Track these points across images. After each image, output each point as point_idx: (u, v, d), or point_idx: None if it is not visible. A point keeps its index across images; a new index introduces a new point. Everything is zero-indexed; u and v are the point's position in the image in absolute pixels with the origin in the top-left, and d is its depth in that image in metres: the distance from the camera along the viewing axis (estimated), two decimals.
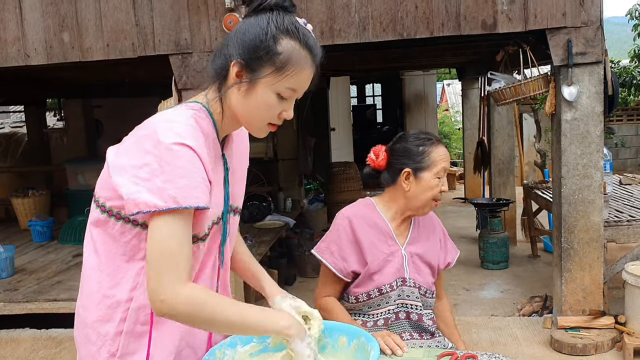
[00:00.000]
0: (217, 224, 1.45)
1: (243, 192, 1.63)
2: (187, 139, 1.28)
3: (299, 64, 1.33)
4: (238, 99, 1.36)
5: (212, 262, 1.48)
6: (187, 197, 1.26)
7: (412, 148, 2.09)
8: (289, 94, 1.36)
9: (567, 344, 3.68)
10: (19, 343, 4.22)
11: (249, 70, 1.33)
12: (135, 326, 1.41)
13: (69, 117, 9.03)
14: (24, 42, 4.08)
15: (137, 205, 1.27)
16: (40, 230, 6.22)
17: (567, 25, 3.67)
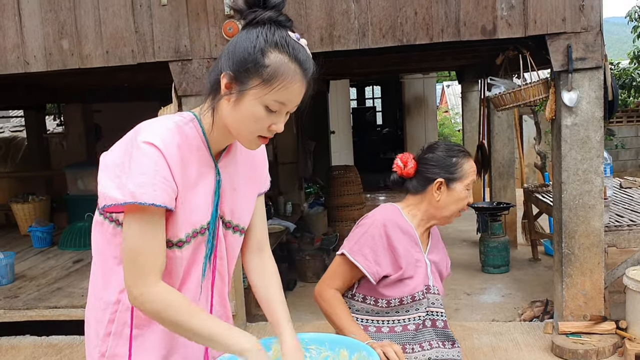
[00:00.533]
0: (201, 234, 1.46)
1: (248, 211, 1.61)
2: (156, 139, 1.33)
3: (287, 77, 1.33)
4: (228, 110, 1.38)
5: (196, 273, 1.49)
6: (144, 193, 1.30)
7: (445, 159, 2.13)
8: (277, 107, 1.36)
9: (568, 349, 3.67)
10: (19, 350, 4.22)
11: (237, 82, 1.35)
12: (123, 328, 1.46)
13: (69, 122, 9.02)
14: (23, 49, 4.08)
15: (105, 199, 1.36)
16: (40, 235, 6.22)
17: (567, 30, 3.67)
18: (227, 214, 1.53)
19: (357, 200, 7.01)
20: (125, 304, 1.44)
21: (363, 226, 2.11)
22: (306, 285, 5.65)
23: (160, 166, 1.32)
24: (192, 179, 1.41)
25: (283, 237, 5.92)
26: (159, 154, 1.32)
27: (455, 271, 5.82)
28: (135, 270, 1.35)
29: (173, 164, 1.34)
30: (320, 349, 1.63)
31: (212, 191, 1.47)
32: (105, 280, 1.47)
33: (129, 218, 1.35)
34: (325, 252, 5.94)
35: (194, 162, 1.41)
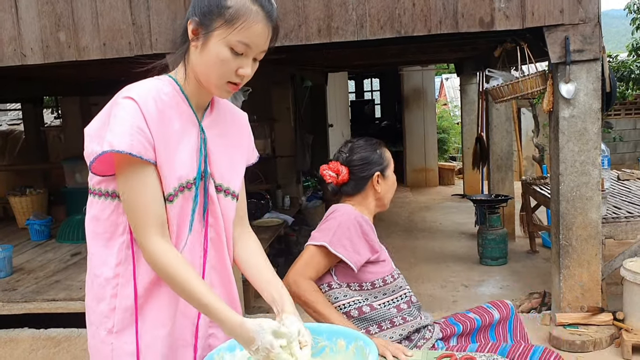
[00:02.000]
0: (188, 189, 1.50)
1: (238, 177, 1.65)
2: (132, 94, 1.40)
3: (249, 17, 1.40)
4: (195, 56, 1.46)
5: (186, 230, 1.52)
6: (121, 142, 1.36)
7: (373, 154, 2.27)
8: (242, 49, 1.42)
9: (565, 340, 3.68)
10: (18, 343, 4.22)
11: (202, 27, 1.42)
12: (127, 300, 1.49)
13: (66, 115, 9.00)
14: (20, 41, 4.06)
15: (88, 157, 1.42)
16: (38, 229, 6.21)
17: (565, 22, 3.66)
18: (217, 176, 1.57)
19: None
20: (125, 277, 1.48)
21: (334, 219, 2.17)
22: None
23: (136, 118, 1.39)
24: (175, 134, 1.46)
25: (281, 230, 5.92)
26: (135, 105, 1.39)
27: (453, 263, 5.87)
28: (136, 223, 1.42)
29: (149, 116, 1.40)
30: (317, 339, 1.63)
31: (196, 147, 1.52)
32: (100, 258, 1.51)
33: (118, 175, 1.42)
34: None
35: (175, 117, 1.47)
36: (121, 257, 1.48)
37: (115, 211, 1.48)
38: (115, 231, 1.49)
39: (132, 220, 1.43)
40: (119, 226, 1.48)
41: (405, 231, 7.37)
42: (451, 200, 9.31)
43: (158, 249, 1.42)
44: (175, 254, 1.44)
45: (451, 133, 13.36)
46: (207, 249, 1.58)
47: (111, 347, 1.49)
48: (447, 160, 12.54)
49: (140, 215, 1.41)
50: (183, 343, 1.57)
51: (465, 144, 9.10)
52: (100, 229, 1.50)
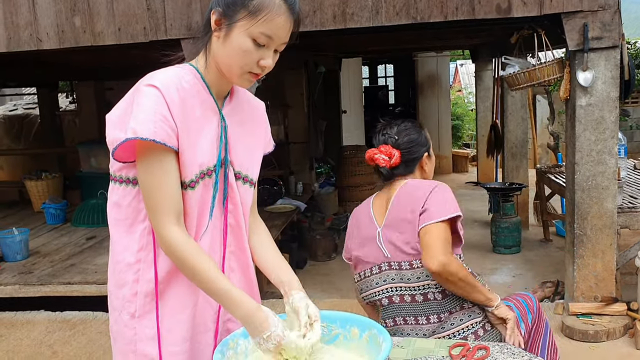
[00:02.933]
0: (208, 176, 1.51)
1: (257, 165, 1.67)
2: (155, 81, 1.41)
3: (272, 9, 1.41)
4: (218, 46, 1.47)
5: (207, 217, 1.53)
6: (144, 129, 1.37)
7: (420, 136, 2.34)
8: (264, 40, 1.43)
9: (578, 330, 3.67)
10: (34, 325, 4.28)
11: (226, 17, 1.43)
12: (148, 285, 1.51)
13: (81, 100, 9.04)
14: (35, 26, 4.08)
15: (111, 144, 1.44)
16: (54, 212, 6.27)
17: (584, 9, 3.60)
18: (236, 164, 1.59)
19: (367, 181, 7.00)
20: (146, 262, 1.50)
21: (437, 191, 2.17)
22: (316, 264, 5.68)
23: (159, 105, 1.39)
24: (197, 122, 1.48)
25: (294, 216, 5.93)
26: (158, 93, 1.40)
27: (466, 251, 5.81)
28: (151, 210, 1.44)
29: (172, 103, 1.41)
30: (331, 327, 1.64)
31: (217, 135, 1.53)
32: (122, 244, 1.53)
33: (139, 161, 1.43)
34: (335, 231, 5.96)
35: (196, 105, 1.48)
36: (142, 243, 1.50)
37: (137, 197, 1.49)
38: (137, 217, 1.51)
39: (150, 206, 1.44)
40: (140, 212, 1.50)
41: None
42: (465, 188, 9.26)
43: (174, 236, 1.43)
44: (191, 241, 1.46)
45: (465, 120, 13.26)
46: (227, 234, 1.60)
47: (134, 331, 1.52)
48: (461, 147, 12.46)
49: (159, 201, 1.42)
50: (204, 328, 1.59)
51: (479, 131, 9.03)
52: (121, 216, 1.52)
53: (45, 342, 4.02)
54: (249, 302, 1.45)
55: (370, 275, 2.26)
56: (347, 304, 4.44)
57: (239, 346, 1.53)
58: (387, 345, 1.47)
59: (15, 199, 7.61)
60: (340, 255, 5.86)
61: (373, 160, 2.29)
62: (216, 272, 1.45)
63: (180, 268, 1.46)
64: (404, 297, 2.17)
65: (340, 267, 5.55)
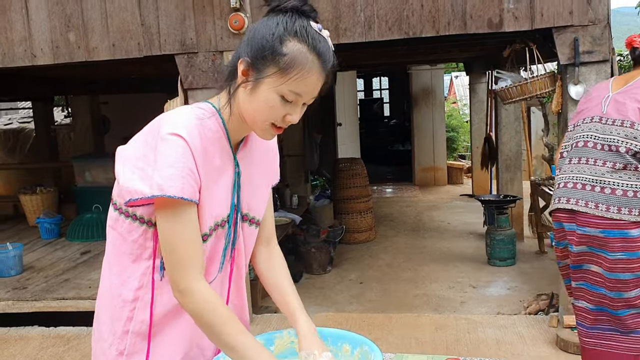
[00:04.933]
0: (221, 227, 1.45)
1: (263, 203, 1.61)
2: (181, 130, 1.31)
3: (305, 67, 1.31)
4: (244, 97, 1.37)
5: (216, 267, 1.49)
6: (172, 186, 1.29)
7: None
8: (293, 97, 1.34)
9: (572, 343, 3.67)
10: (28, 341, 4.26)
11: (254, 70, 1.33)
12: (141, 326, 1.44)
13: (76, 114, 9.05)
14: (30, 42, 4.10)
15: (129, 192, 1.33)
16: (48, 227, 6.26)
17: (574, 23, 3.64)
18: (244, 207, 1.52)
19: (363, 193, 7.01)
20: (143, 302, 1.43)
21: None
22: (312, 277, 5.68)
23: (186, 158, 1.31)
24: (215, 172, 1.40)
25: (289, 229, 5.93)
26: (185, 145, 1.31)
27: (461, 264, 5.86)
28: (174, 265, 1.35)
29: (197, 155, 1.33)
30: None
31: (231, 184, 1.46)
32: (122, 278, 1.46)
33: (161, 213, 1.34)
34: (331, 244, 5.96)
35: (216, 154, 1.40)
36: (143, 282, 1.43)
37: (143, 235, 1.42)
38: (142, 254, 1.43)
39: (174, 261, 1.35)
40: (146, 250, 1.43)
41: (413, 230, 7.37)
42: (460, 200, 9.29)
43: (203, 290, 1.35)
44: (217, 296, 1.38)
45: (460, 132, 13.31)
46: (231, 285, 1.56)
47: None
48: (456, 159, 12.50)
49: (184, 256, 1.34)
50: None
51: (474, 143, 9.07)
52: (126, 249, 1.45)
53: (38, 358, 3.99)
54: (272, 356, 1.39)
55: (581, 124, 2.73)
56: (343, 318, 4.44)
57: None
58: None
59: (9, 214, 7.60)
60: (335, 269, 5.88)
61: (631, 43, 2.70)
62: (242, 327, 1.38)
63: (203, 323, 1.37)
64: (597, 145, 2.61)
65: (336, 280, 5.55)
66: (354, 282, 5.48)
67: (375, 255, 6.34)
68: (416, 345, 3.89)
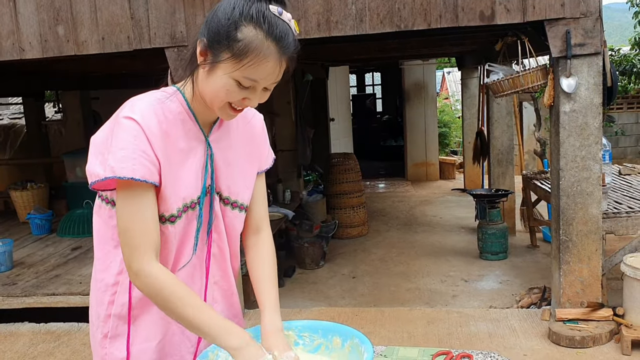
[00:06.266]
0: (192, 209, 1.45)
1: (247, 188, 1.59)
2: (135, 114, 1.33)
3: (259, 54, 1.27)
4: (202, 78, 1.36)
5: (189, 249, 1.49)
6: (123, 167, 1.30)
7: None
8: (249, 83, 1.31)
9: (565, 336, 3.68)
10: (18, 337, 4.23)
11: (210, 52, 1.31)
12: (122, 309, 1.47)
13: (67, 109, 9.00)
14: (18, 35, 4.05)
15: (90, 175, 1.37)
16: (39, 223, 6.22)
17: (566, 16, 3.64)
18: (224, 189, 1.52)
19: (355, 188, 7.00)
20: (123, 286, 1.46)
21: None
22: (305, 272, 5.66)
23: (139, 140, 1.31)
24: (180, 154, 1.40)
25: (282, 224, 5.91)
26: (138, 127, 1.31)
27: (453, 258, 5.86)
28: (127, 246, 1.36)
29: (153, 137, 1.33)
30: (313, 337, 1.63)
31: (202, 165, 1.45)
32: (105, 263, 1.48)
33: (118, 195, 1.36)
34: (324, 239, 5.94)
35: (180, 136, 1.40)
36: (123, 266, 1.43)
37: None
38: None
39: (127, 242, 1.35)
40: None
41: (406, 225, 7.36)
42: (452, 195, 9.29)
43: (154, 271, 1.35)
44: (170, 275, 1.38)
45: (452, 127, 13.32)
46: (210, 264, 1.55)
47: (105, 350, 1.50)
48: (449, 154, 12.51)
49: (138, 237, 1.34)
50: (178, 359, 1.55)
51: (466, 138, 9.08)
52: (109, 235, 1.46)
53: (29, 354, 3.96)
54: (242, 331, 1.39)
55: None
56: (335, 312, 4.43)
57: (219, 358, 1.52)
58: (369, 354, 1.45)
59: (0, 209, 7.54)
60: (328, 263, 5.87)
61: None
62: (201, 304, 1.38)
63: (160, 305, 1.37)
64: None
65: (328, 275, 5.53)
66: (346, 277, 5.47)
67: (367, 249, 6.34)
68: (408, 339, 3.89)
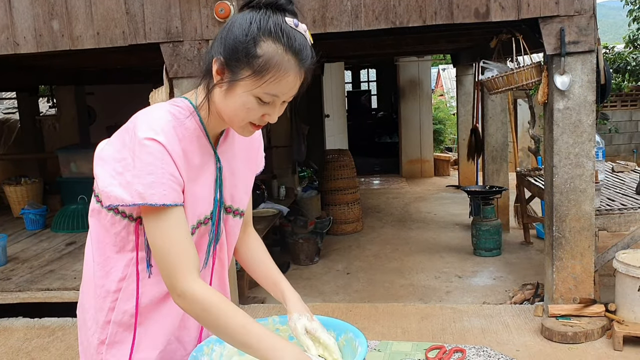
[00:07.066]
0: (204, 224, 1.43)
1: (246, 194, 1.59)
2: (159, 135, 1.27)
3: (281, 68, 1.26)
4: (220, 97, 1.33)
5: (200, 264, 1.46)
6: (153, 194, 1.26)
7: None
8: (269, 99, 1.30)
9: (557, 332, 3.70)
10: (12, 332, 4.23)
11: (228, 71, 1.28)
12: (123, 317, 1.44)
13: (61, 104, 8.97)
14: (12, 30, 4.04)
15: (109, 198, 1.32)
16: (33, 218, 6.21)
17: (560, 13, 3.65)
18: (227, 199, 1.51)
19: (350, 185, 7.01)
20: (126, 292, 1.42)
21: None
22: (299, 268, 5.67)
23: (165, 163, 1.27)
24: (195, 171, 1.37)
25: (276, 220, 5.92)
26: (164, 150, 1.27)
27: (447, 254, 5.89)
28: (167, 269, 1.31)
29: (177, 158, 1.30)
30: None
31: (213, 180, 1.44)
32: (105, 269, 1.44)
33: (148, 218, 1.31)
34: (318, 235, 5.96)
35: (195, 152, 1.37)
36: (127, 273, 1.42)
37: (126, 229, 1.40)
38: (126, 246, 1.41)
39: (167, 265, 1.31)
40: (129, 242, 1.41)
41: (400, 221, 7.38)
42: (446, 191, 9.32)
43: (202, 291, 1.31)
44: (218, 295, 1.34)
45: (447, 124, 13.35)
46: (212, 279, 1.55)
47: (101, 356, 1.47)
48: (443, 151, 12.54)
49: (178, 259, 1.31)
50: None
51: (460, 135, 9.10)
52: (109, 240, 1.43)
53: (23, 349, 3.96)
54: (291, 345, 1.35)
55: None
56: (329, 308, 4.44)
57: (214, 352, 1.52)
58: (362, 348, 1.47)
59: None
60: (322, 259, 5.88)
61: None
62: (248, 321, 1.34)
63: (207, 323, 1.34)
64: None
65: (323, 271, 5.55)
66: (340, 273, 5.49)
67: (362, 246, 6.35)
68: (402, 335, 3.91)
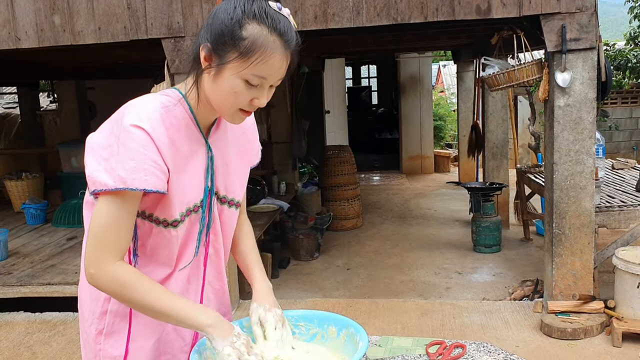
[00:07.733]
0: (194, 212, 1.46)
1: (242, 185, 1.61)
2: (144, 122, 1.30)
3: (266, 50, 1.28)
4: (208, 83, 1.35)
5: (191, 251, 1.50)
6: (135, 179, 1.29)
7: None
8: (257, 81, 1.32)
9: (557, 328, 3.72)
10: (14, 326, 4.24)
11: (216, 55, 1.31)
12: (119, 307, 1.46)
13: (62, 99, 8.97)
14: (14, 25, 4.04)
15: (94, 183, 1.33)
16: (34, 213, 6.22)
17: (562, 10, 3.65)
18: (221, 189, 1.53)
19: (350, 180, 7.02)
20: None
21: None
22: (299, 263, 5.69)
23: (148, 149, 1.30)
24: (183, 159, 1.40)
25: (277, 216, 5.93)
26: (148, 137, 1.30)
27: (447, 250, 5.90)
28: (94, 248, 1.34)
29: (162, 146, 1.32)
30: (309, 326, 1.65)
31: (203, 168, 1.46)
32: None
33: (102, 198, 1.33)
34: (318, 231, 5.97)
35: (184, 141, 1.40)
36: None
37: None
38: None
39: (93, 242, 1.34)
40: None
41: (400, 218, 7.39)
42: (446, 188, 9.32)
43: (120, 269, 1.35)
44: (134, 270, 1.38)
45: (448, 120, 13.34)
46: (206, 266, 1.57)
47: (100, 347, 1.49)
48: (443, 147, 12.54)
49: (110, 241, 1.34)
50: (171, 357, 1.56)
51: (461, 131, 9.10)
52: None
53: (24, 343, 3.98)
54: (213, 311, 1.42)
55: None
56: (329, 303, 4.46)
57: None
58: (364, 343, 1.48)
59: None
60: (322, 255, 5.89)
61: None
62: (166, 290, 1.39)
63: (124, 300, 1.37)
64: None
65: (323, 267, 5.56)
66: (341, 269, 5.50)
67: (362, 242, 6.37)
68: (402, 330, 3.92)
